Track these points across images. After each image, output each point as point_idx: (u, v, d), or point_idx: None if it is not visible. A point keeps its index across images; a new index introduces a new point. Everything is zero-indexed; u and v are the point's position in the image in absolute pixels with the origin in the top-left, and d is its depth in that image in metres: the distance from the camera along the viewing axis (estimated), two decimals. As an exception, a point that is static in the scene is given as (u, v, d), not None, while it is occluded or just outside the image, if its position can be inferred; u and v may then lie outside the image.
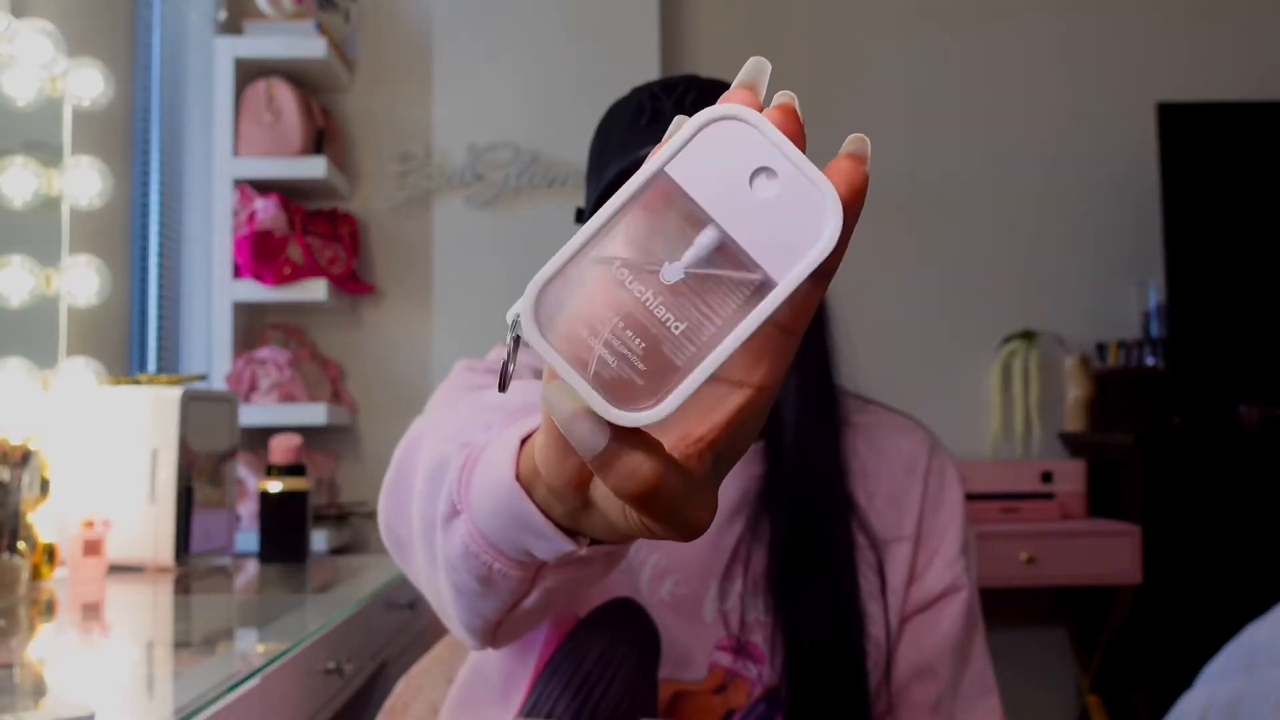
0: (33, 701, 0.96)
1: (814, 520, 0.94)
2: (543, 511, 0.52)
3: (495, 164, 2.84)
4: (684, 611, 0.94)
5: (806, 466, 0.94)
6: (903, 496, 0.99)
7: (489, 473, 0.56)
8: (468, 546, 0.60)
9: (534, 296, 0.36)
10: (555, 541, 0.53)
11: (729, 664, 0.93)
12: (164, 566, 1.70)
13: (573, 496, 0.45)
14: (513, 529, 0.55)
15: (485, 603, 0.64)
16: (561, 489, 0.45)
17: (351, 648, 1.48)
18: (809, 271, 0.35)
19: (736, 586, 0.94)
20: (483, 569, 0.60)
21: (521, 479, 0.53)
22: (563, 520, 0.50)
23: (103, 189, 1.82)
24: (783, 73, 2.85)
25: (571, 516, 0.48)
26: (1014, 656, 2.95)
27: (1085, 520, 2.81)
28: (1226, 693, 1.69)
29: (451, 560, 0.62)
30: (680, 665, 0.93)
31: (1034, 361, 3.04)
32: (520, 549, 0.56)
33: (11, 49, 1.69)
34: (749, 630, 0.93)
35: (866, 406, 1.04)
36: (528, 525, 0.53)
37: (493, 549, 0.58)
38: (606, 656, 0.90)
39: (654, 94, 0.95)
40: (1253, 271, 2.93)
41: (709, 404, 0.39)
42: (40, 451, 1.57)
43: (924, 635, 0.96)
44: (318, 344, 2.84)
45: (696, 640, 0.93)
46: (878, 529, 0.97)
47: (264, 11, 2.62)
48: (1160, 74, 3.13)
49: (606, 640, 0.91)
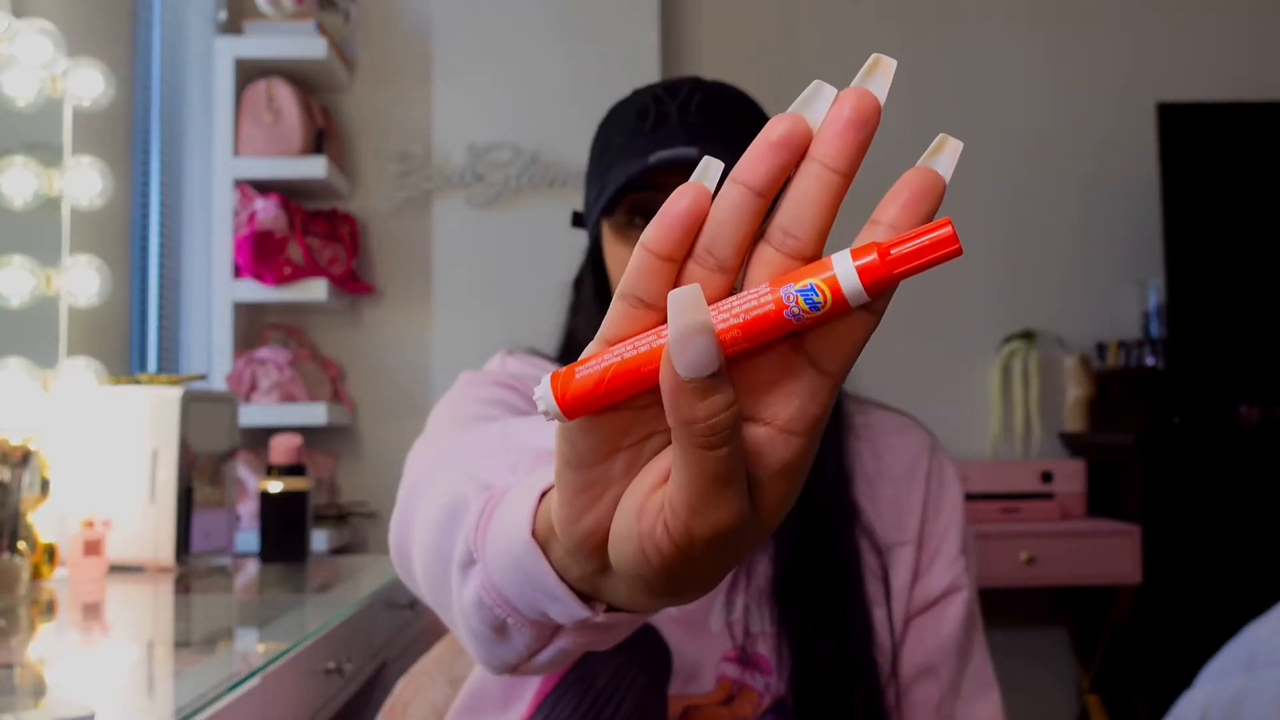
0: (33, 701, 0.96)
1: (819, 530, 0.93)
2: (559, 573, 0.49)
3: (495, 164, 2.84)
4: (691, 625, 0.93)
5: (814, 475, 0.93)
6: (904, 499, 0.99)
7: (506, 525, 0.53)
8: (481, 599, 0.57)
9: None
10: (570, 606, 0.49)
11: (736, 675, 0.93)
12: (164, 566, 1.70)
13: (587, 559, 0.43)
14: (527, 588, 0.51)
15: (500, 649, 0.61)
16: (575, 548, 0.43)
17: (351, 648, 1.48)
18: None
19: (741, 597, 0.94)
20: (497, 621, 0.57)
21: (538, 536, 0.50)
22: (580, 584, 0.48)
23: (103, 189, 1.82)
24: (782, 73, 2.86)
25: (590, 581, 0.46)
26: (1014, 656, 2.95)
27: (1085, 520, 2.81)
28: (1226, 693, 1.69)
29: (465, 608, 0.60)
30: (689, 679, 0.92)
31: (1034, 361, 3.04)
32: (535, 609, 0.53)
33: (11, 49, 1.69)
34: (754, 641, 0.93)
35: (864, 407, 1.03)
36: (542, 587, 0.50)
37: (507, 604, 0.55)
38: (619, 676, 0.90)
39: (657, 96, 0.94)
40: (1253, 271, 2.93)
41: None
42: (40, 451, 1.57)
43: (926, 636, 0.96)
44: (318, 344, 2.84)
45: (704, 652, 0.93)
46: (880, 535, 0.96)
47: (264, 12, 2.62)
48: (1160, 74, 3.13)
49: (619, 660, 0.90)
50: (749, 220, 0.37)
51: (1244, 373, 2.91)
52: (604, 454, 0.40)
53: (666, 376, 0.35)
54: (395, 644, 1.82)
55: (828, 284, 0.35)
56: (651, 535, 0.39)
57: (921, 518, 0.99)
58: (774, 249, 0.37)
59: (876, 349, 0.90)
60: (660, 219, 0.37)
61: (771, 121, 0.36)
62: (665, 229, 0.37)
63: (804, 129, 0.36)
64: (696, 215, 0.37)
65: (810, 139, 0.36)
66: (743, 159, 0.36)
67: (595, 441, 0.40)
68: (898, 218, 0.37)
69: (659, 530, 0.38)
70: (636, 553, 0.39)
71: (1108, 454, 2.88)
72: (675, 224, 0.37)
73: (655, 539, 0.39)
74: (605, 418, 0.39)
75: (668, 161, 0.89)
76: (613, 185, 0.92)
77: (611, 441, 0.40)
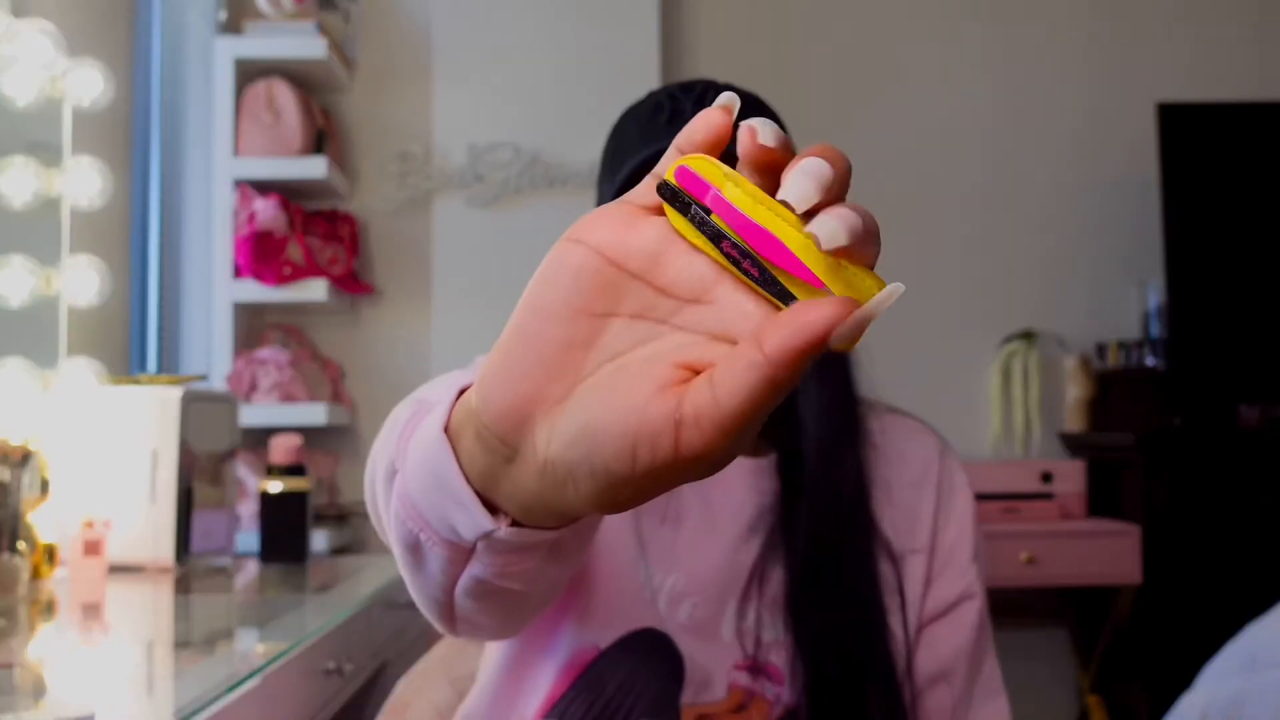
0: (33, 701, 0.96)
1: (834, 540, 0.93)
2: (464, 470, 0.47)
3: (495, 164, 2.84)
4: (703, 633, 0.92)
5: (831, 484, 0.93)
6: (916, 507, 0.98)
7: (425, 428, 0.50)
8: (398, 511, 0.54)
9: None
10: (474, 514, 0.47)
11: (747, 684, 0.92)
12: (164, 566, 1.70)
13: (501, 442, 0.42)
14: (437, 493, 0.49)
15: (420, 579, 0.58)
16: (495, 420, 0.41)
17: (351, 648, 1.48)
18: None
19: (754, 606, 0.93)
20: (410, 537, 0.54)
21: (450, 430, 0.47)
22: (481, 480, 0.46)
23: (103, 189, 1.82)
24: (782, 73, 2.86)
25: (493, 474, 0.44)
26: (1014, 656, 2.95)
27: (1085, 520, 2.81)
28: (1226, 693, 1.69)
29: (391, 529, 0.57)
30: (701, 688, 0.92)
31: (1034, 361, 3.04)
32: (445, 522, 0.50)
33: (11, 49, 1.69)
34: (766, 651, 0.92)
35: (873, 411, 1.02)
36: (448, 488, 0.48)
37: (420, 517, 0.52)
38: (627, 686, 0.89)
39: (672, 94, 0.95)
40: (1252, 271, 2.93)
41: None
42: (40, 451, 1.57)
43: (939, 644, 0.96)
44: (318, 344, 2.84)
45: (715, 660, 0.92)
46: (895, 543, 0.95)
47: (264, 12, 2.62)
48: (1160, 74, 3.13)
49: (627, 670, 0.90)
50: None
51: (1244, 373, 2.91)
52: (574, 308, 0.40)
53: (812, 320, 0.35)
54: (395, 644, 1.82)
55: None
56: (654, 436, 0.38)
57: (933, 527, 0.98)
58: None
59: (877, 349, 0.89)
60: (693, 123, 0.40)
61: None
62: (700, 130, 0.40)
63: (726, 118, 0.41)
64: (724, 126, 0.40)
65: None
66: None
67: (577, 288, 0.40)
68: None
69: (666, 435, 0.38)
70: (623, 450, 0.38)
71: (1108, 454, 2.88)
72: (706, 130, 0.40)
73: (658, 440, 0.38)
74: (600, 268, 0.40)
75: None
76: (628, 169, 0.92)
77: (590, 296, 0.40)
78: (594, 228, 0.41)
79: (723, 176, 0.39)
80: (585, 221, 0.41)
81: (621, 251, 0.40)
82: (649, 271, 0.40)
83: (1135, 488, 2.75)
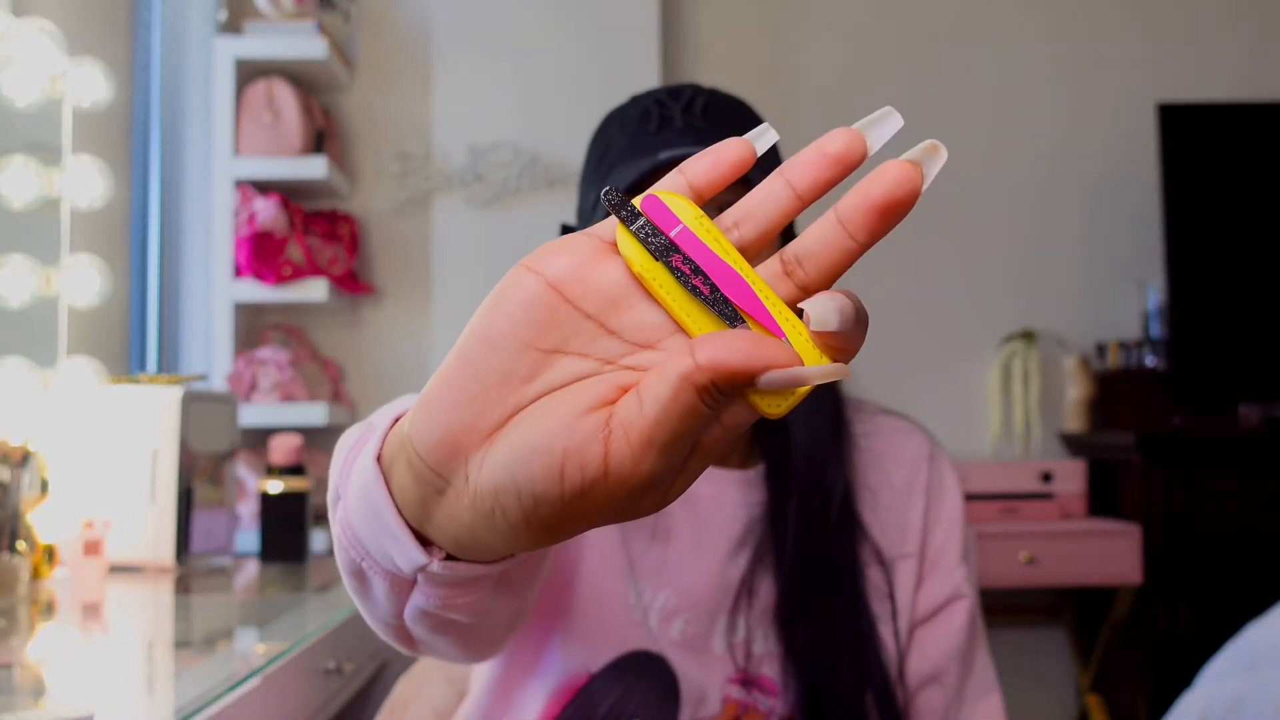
0: (33, 701, 0.96)
1: (823, 549, 0.92)
2: (396, 503, 0.45)
3: (495, 164, 2.84)
4: (695, 648, 0.92)
5: (820, 493, 0.92)
6: (905, 510, 0.98)
7: (364, 454, 0.48)
8: (340, 537, 0.53)
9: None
10: (406, 546, 0.46)
11: (741, 697, 0.92)
12: (164, 566, 1.70)
13: (433, 473, 0.40)
14: (374, 523, 0.47)
15: (368, 604, 0.56)
16: (428, 450, 0.39)
17: (351, 648, 1.48)
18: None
19: (744, 619, 0.92)
20: (353, 565, 0.53)
21: (383, 459, 0.46)
22: (412, 511, 0.43)
23: (103, 189, 1.82)
24: (782, 74, 2.86)
25: (424, 507, 0.42)
26: (1014, 656, 2.96)
27: (1085, 520, 2.81)
28: (1226, 693, 1.69)
29: (335, 550, 0.55)
30: (698, 704, 0.91)
31: (1034, 361, 3.04)
32: (384, 552, 0.48)
33: (11, 49, 1.69)
34: (758, 663, 0.92)
35: (862, 413, 1.02)
36: (381, 520, 0.46)
37: (360, 545, 0.51)
38: (617, 710, 0.89)
39: (660, 100, 0.93)
40: (1253, 271, 2.93)
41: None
42: (40, 451, 1.57)
43: (930, 645, 0.96)
44: (318, 344, 2.84)
45: (709, 675, 0.92)
46: (885, 548, 0.95)
47: (264, 12, 2.62)
48: (1160, 74, 3.13)
49: (619, 693, 0.89)
50: (781, 216, 0.38)
51: (1244, 372, 2.91)
52: (521, 341, 0.38)
53: (753, 349, 0.34)
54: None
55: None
56: (582, 451, 0.37)
57: (922, 531, 0.98)
58: (782, 269, 0.38)
59: (877, 349, 0.90)
60: (707, 156, 0.39)
61: (831, 133, 0.37)
62: (709, 167, 0.38)
63: (860, 150, 0.37)
64: (739, 167, 0.38)
65: (864, 159, 0.37)
66: (795, 159, 0.37)
67: (527, 319, 0.38)
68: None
69: (594, 449, 0.37)
70: (551, 468, 0.37)
71: (1108, 454, 2.88)
72: (719, 166, 0.38)
73: (586, 454, 0.37)
74: (553, 304, 0.38)
75: (678, 159, 0.88)
76: (619, 183, 0.90)
77: (539, 330, 0.38)
78: (554, 259, 0.39)
79: (694, 217, 0.38)
80: (547, 250, 0.39)
81: (578, 289, 0.39)
82: (604, 313, 0.39)
83: (1135, 488, 2.75)
